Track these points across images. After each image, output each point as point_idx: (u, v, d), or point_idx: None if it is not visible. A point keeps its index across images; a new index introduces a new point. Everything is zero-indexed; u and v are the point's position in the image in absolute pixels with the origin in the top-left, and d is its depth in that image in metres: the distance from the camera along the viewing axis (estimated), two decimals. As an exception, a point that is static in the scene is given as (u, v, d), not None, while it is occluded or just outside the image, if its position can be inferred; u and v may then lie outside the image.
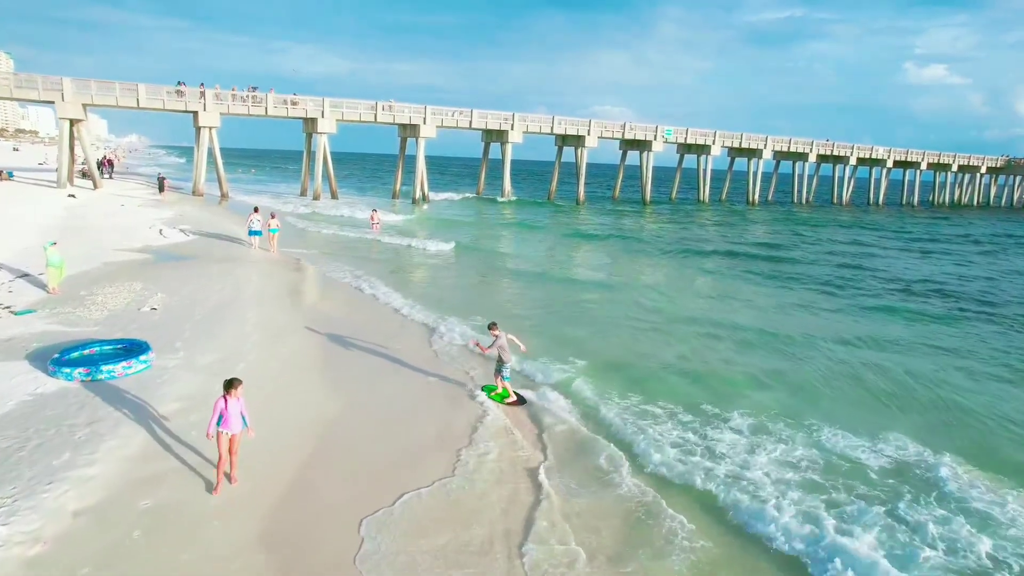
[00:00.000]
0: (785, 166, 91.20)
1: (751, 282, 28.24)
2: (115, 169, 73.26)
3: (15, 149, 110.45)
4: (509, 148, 64.70)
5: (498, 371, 13.26)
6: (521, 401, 13.11)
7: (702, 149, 77.38)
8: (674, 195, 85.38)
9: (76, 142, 51.97)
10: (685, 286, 26.92)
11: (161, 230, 32.40)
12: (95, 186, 51.79)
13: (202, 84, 52.58)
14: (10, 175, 51.45)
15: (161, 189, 45.22)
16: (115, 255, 25.13)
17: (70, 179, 52.12)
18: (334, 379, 13.56)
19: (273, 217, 30.58)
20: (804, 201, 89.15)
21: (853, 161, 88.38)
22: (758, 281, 28.51)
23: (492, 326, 13.41)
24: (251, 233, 30.42)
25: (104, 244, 27.42)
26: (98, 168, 69.05)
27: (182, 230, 32.96)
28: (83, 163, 78.83)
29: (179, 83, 50.70)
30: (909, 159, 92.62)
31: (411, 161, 64.12)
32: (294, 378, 13.37)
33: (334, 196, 60.32)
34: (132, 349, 13.04)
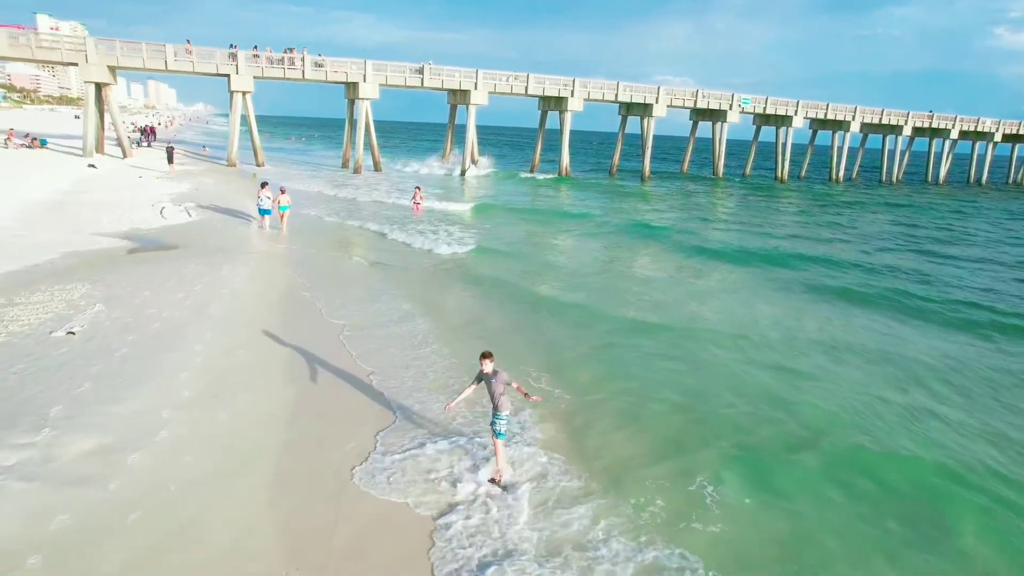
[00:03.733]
0: (873, 140, 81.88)
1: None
2: (159, 138, 70.68)
3: (76, 116, 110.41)
4: (568, 117, 58.51)
5: (492, 424, 8.81)
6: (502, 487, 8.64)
7: (782, 120, 69.27)
8: (748, 170, 77.54)
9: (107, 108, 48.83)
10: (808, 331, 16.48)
11: (163, 209, 28.25)
12: (124, 155, 48.56)
13: (233, 46, 48.43)
14: (43, 143, 48.66)
15: (170, 160, 41.18)
16: (86, 242, 20.88)
17: (100, 147, 49.10)
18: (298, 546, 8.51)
19: (283, 192, 26.21)
20: (894, 180, 79.89)
21: (955, 135, 78.33)
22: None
23: (484, 356, 8.68)
24: (261, 212, 26.33)
25: (85, 227, 23.31)
26: (142, 135, 67.06)
27: (187, 209, 28.74)
28: (133, 129, 77.36)
29: (187, 41, 46.65)
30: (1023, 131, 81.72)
31: (461, 131, 58.94)
32: (229, 514, 8.37)
33: (377, 169, 55.77)
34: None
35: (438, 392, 11.29)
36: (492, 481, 8.68)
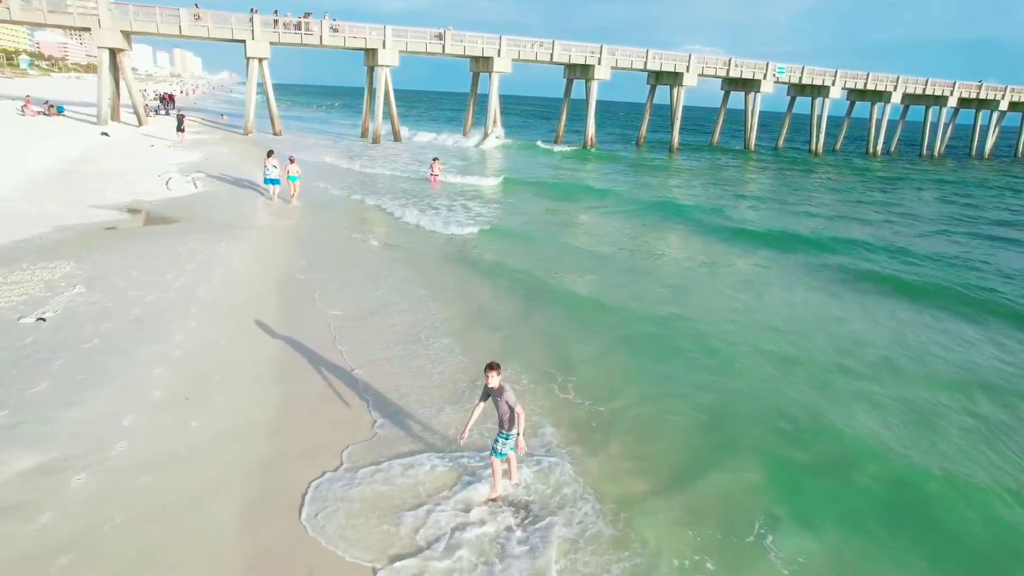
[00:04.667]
0: (915, 112, 78.00)
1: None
2: (178, 106, 69.76)
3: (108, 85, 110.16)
4: (595, 86, 56.22)
5: (495, 441, 7.72)
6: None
7: (818, 91, 66.00)
8: (781, 143, 74.51)
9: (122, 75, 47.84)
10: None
11: (169, 180, 27.18)
12: (139, 123, 47.64)
13: (253, 10, 46.93)
14: (59, 110, 47.89)
15: (179, 129, 40.01)
16: (82, 215, 19.86)
17: (116, 115, 48.24)
18: None
19: (292, 162, 24.99)
20: (936, 153, 76.25)
21: (1004, 106, 74.24)
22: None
23: (489, 368, 7.40)
24: (267, 182, 25.39)
25: (85, 198, 22.32)
26: (160, 103, 66.19)
27: (194, 180, 27.64)
28: (154, 97, 76.58)
29: (195, 4, 45.19)
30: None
31: (483, 101, 57.03)
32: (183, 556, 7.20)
33: (396, 138, 54.29)
34: None
35: (434, 395, 10.01)
36: (492, 500, 7.58)
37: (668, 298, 15.82)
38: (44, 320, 11.56)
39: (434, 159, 34.84)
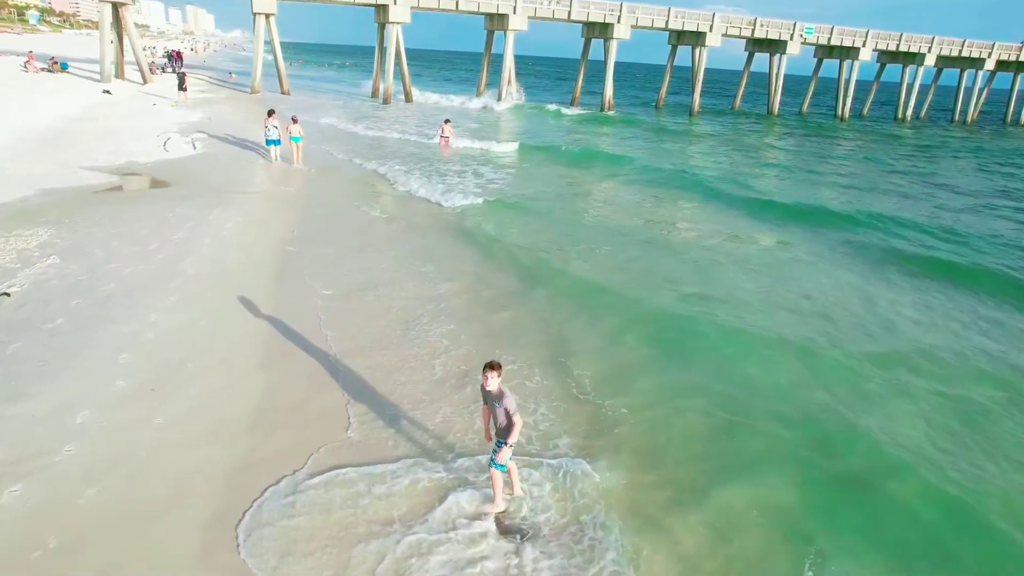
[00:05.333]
0: (948, 76, 74.63)
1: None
2: (186, 63, 68.22)
3: (111, 41, 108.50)
4: (614, 46, 53.98)
5: (493, 451, 6.72)
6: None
7: (848, 52, 63.09)
8: (806, 108, 71.76)
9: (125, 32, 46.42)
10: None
11: (167, 141, 26.06)
12: (144, 81, 46.35)
13: (257, -38, 45.08)
14: (63, 67, 46.64)
15: (181, 87, 38.58)
16: (70, 178, 18.85)
17: (120, 73, 46.99)
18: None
19: (295, 122, 23.75)
20: (968, 119, 73.24)
21: (1047, 70, 70.83)
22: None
23: (489, 368, 6.42)
24: (269, 143, 24.28)
25: (77, 159, 21.29)
26: (168, 60, 64.65)
27: (193, 141, 26.50)
28: (163, 54, 74.90)
29: None
30: None
31: (497, 61, 55.05)
32: None
33: (408, 99, 52.65)
34: None
35: (433, 393, 8.97)
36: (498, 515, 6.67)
37: (686, 280, 14.50)
38: (8, 295, 10.61)
39: (445, 121, 33.39)
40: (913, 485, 7.72)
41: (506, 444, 6.46)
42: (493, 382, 6.40)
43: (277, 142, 24.08)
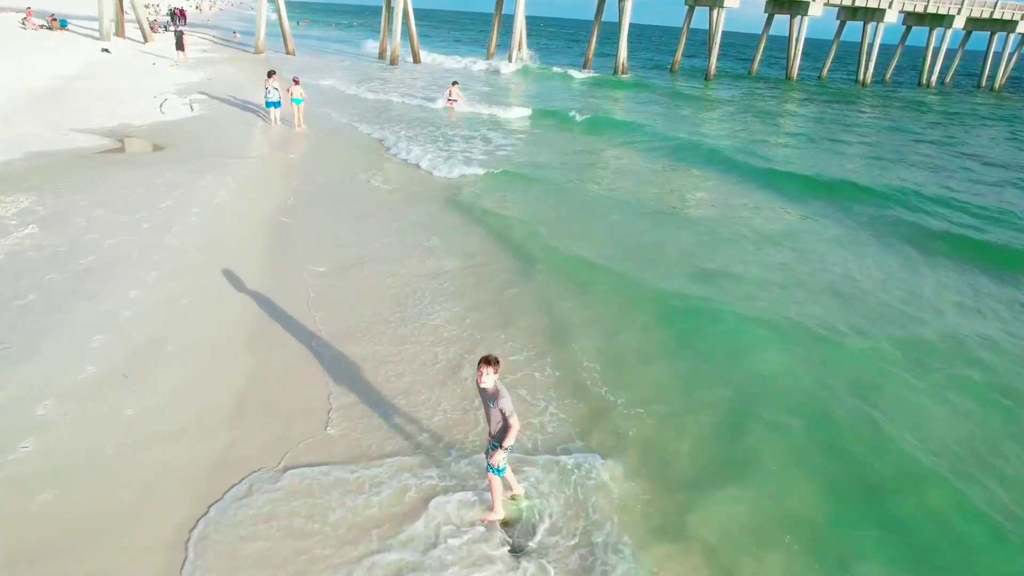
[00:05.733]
0: (977, 40, 71.93)
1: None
2: (189, 22, 66.57)
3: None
4: (628, 6, 52.06)
5: (487, 454, 6.11)
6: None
7: (872, 14, 60.69)
8: (825, 73, 69.53)
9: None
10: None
11: (164, 102, 25.13)
12: (144, 39, 45.11)
13: (259, -86, 43.37)
14: (63, 24, 45.41)
15: (179, 47, 37.22)
16: (60, 140, 18.06)
17: (121, 31, 45.75)
18: None
19: (296, 83, 22.70)
20: (996, 86, 70.81)
21: (1088, 28, 67.86)
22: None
23: (486, 362, 5.72)
24: (268, 105, 23.36)
25: (69, 120, 20.48)
26: (171, 18, 63.07)
27: (191, 102, 25.56)
28: (167, 12, 73.20)
29: None
30: None
31: (508, 22, 53.30)
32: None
33: (416, 60, 51.14)
34: None
35: (432, 382, 8.27)
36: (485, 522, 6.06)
37: (701, 259, 13.57)
38: (-22, 269, 9.93)
39: (453, 83, 32.22)
40: (943, 497, 6.99)
41: (501, 447, 5.79)
42: (489, 379, 5.70)
43: (277, 104, 23.16)
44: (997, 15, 63.81)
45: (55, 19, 44.59)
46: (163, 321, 9.14)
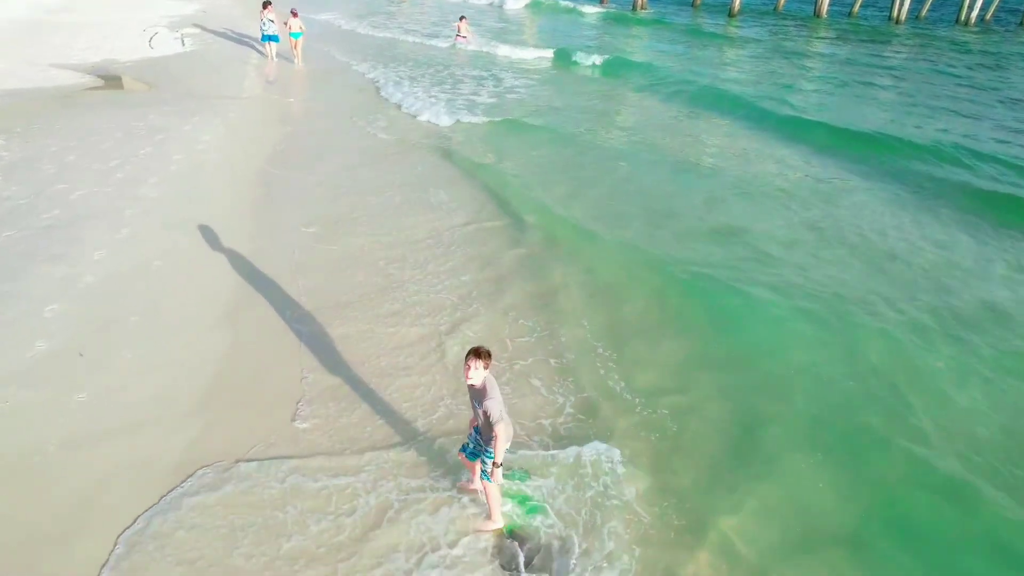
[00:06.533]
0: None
1: None
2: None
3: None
4: (649, -64, 48.80)
5: (473, 453, 5.31)
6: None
7: (909, -54, 56.71)
8: (856, 9, 65.75)
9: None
10: None
11: (154, 36, 23.66)
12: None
13: None
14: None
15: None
16: (36, 77, 16.87)
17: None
18: None
19: (295, 16, 21.19)
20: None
21: None
22: None
23: (473, 355, 4.80)
24: (265, 39, 21.95)
25: (48, 55, 19.17)
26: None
27: (182, 37, 24.04)
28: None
29: None
30: None
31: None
32: None
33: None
34: None
35: (405, 363, 7.34)
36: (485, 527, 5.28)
37: (716, 217, 12.15)
38: (-73, 225, 8.97)
39: (461, 18, 30.30)
40: (985, 512, 6.07)
41: (493, 464, 4.88)
42: (477, 374, 4.77)
43: (275, 38, 21.70)
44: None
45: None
46: (129, 289, 8.20)
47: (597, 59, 28.61)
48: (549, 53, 29.56)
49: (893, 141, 18.89)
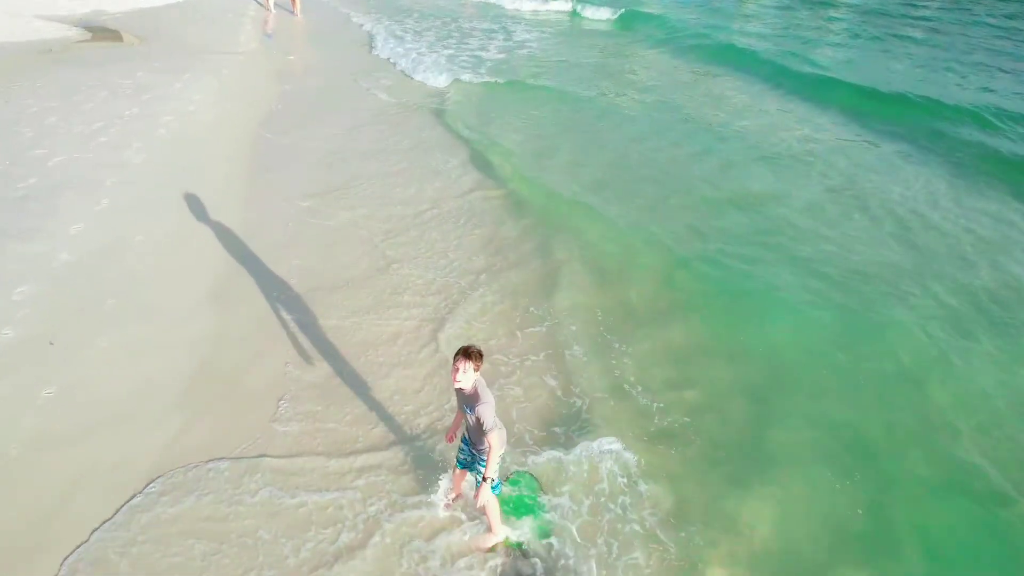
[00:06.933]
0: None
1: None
2: None
3: None
4: None
5: (466, 464, 4.77)
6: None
7: None
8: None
9: None
10: None
11: (147, -15, 22.52)
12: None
13: None
14: None
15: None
16: (20, 31, 16.08)
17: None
18: None
19: None
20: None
21: None
22: None
23: (465, 355, 4.20)
24: None
25: (30, 5, 18.25)
26: None
27: (177, -14, 22.92)
28: None
29: None
30: None
31: None
32: None
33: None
34: None
35: (400, 357, 6.78)
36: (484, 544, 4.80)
37: (729, 186, 11.32)
38: None
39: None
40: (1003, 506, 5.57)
41: (483, 479, 4.36)
42: (466, 377, 4.22)
43: (273, -10, 20.68)
44: None
45: None
46: (108, 267, 7.63)
47: (611, 13, 27.22)
48: (560, 4, 28.18)
49: (925, 102, 17.78)
